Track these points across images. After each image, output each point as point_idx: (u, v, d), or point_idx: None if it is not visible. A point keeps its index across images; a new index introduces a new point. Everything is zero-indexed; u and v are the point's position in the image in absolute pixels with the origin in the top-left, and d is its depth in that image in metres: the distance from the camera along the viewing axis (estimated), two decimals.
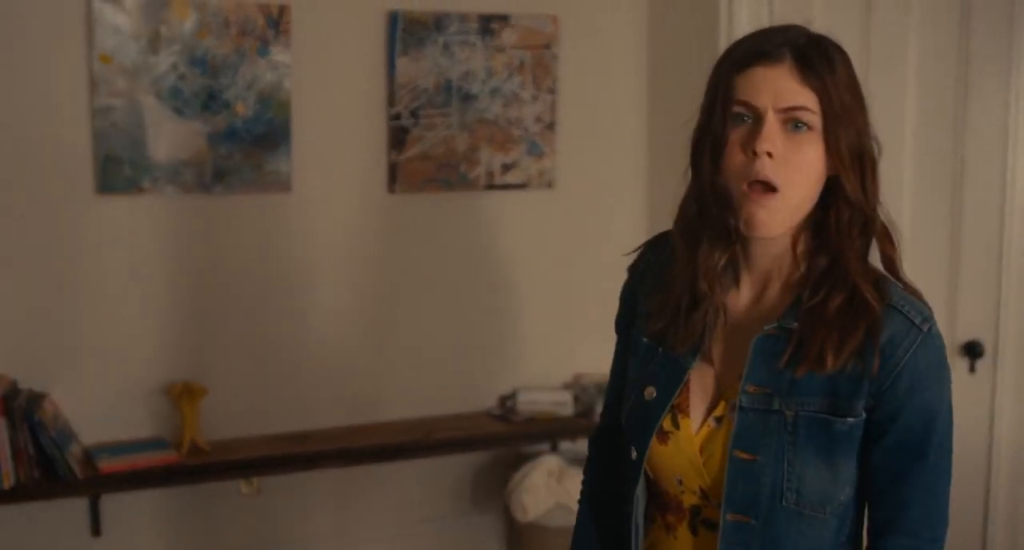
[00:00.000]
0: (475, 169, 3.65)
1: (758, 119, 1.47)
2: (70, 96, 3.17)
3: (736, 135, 1.48)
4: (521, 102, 3.67)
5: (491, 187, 3.68)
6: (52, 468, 3.09)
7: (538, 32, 3.66)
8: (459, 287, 3.71)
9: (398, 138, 3.53)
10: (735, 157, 1.48)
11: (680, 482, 1.59)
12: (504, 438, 3.67)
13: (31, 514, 3.24)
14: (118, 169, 3.22)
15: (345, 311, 3.58)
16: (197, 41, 3.26)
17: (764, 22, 3.39)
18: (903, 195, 3.33)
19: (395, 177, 3.55)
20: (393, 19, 3.48)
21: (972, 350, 3.26)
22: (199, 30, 3.26)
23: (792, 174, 1.46)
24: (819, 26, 1.58)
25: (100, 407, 3.31)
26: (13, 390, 3.13)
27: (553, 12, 3.68)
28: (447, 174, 3.61)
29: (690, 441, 1.57)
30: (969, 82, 3.22)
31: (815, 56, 1.49)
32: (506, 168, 3.69)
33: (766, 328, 1.53)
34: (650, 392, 1.61)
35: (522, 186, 3.72)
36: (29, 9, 3.12)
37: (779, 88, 1.47)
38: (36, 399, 3.12)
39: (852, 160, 1.49)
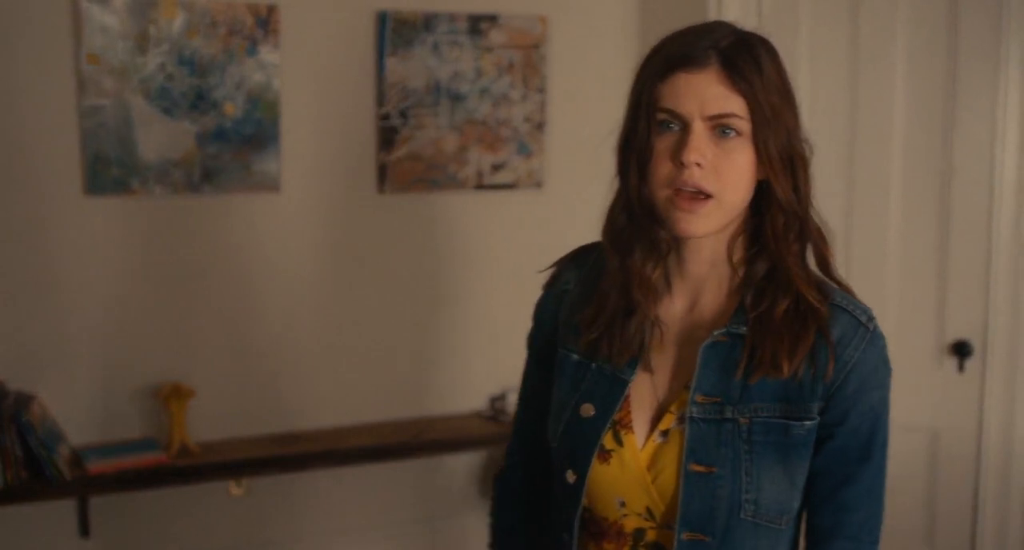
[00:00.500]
0: (464, 169, 3.64)
1: (685, 127, 1.42)
2: (58, 96, 3.16)
3: (662, 144, 1.44)
4: (510, 102, 3.67)
5: (480, 187, 3.68)
6: (40, 469, 3.07)
7: (527, 32, 3.66)
8: (448, 287, 3.71)
9: (387, 138, 3.53)
10: (662, 166, 1.43)
11: (623, 504, 1.51)
12: (494, 439, 3.67)
13: (19, 516, 3.23)
14: (106, 170, 3.22)
15: (334, 311, 3.57)
16: (185, 41, 3.25)
17: (752, 21, 3.39)
18: (891, 194, 3.34)
19: (384, 177, 3.55)
20: (382, 19, 3.47)
21: (961, 349, 3.27)
22: (187, 30, 3.25)
23: (723, 182, 1.41)
24: (807, 26, 1.56)
25: (88, 408, 3.30)
26: (1, 392, 3.12)
27: (542, 12, 3.68)
28: (436, 174, 3.61)
29: (636, 458, 1.49)
30: (957, 81, 3.23)
31: (742, 59, 1.42)
32: (495, 168, 3.69)
33: (716, 334, 1.48)
34: (587, 409, 1.53)
35: (511, 186, 3.72)
36: (16, 9, 3.11)
37: (705, 95, 1.41)
38: (24, 400, 3.11)
39: (783, 164, 1.44)
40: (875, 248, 3.38)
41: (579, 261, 1.65)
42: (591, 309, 1.56)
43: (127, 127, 3.22)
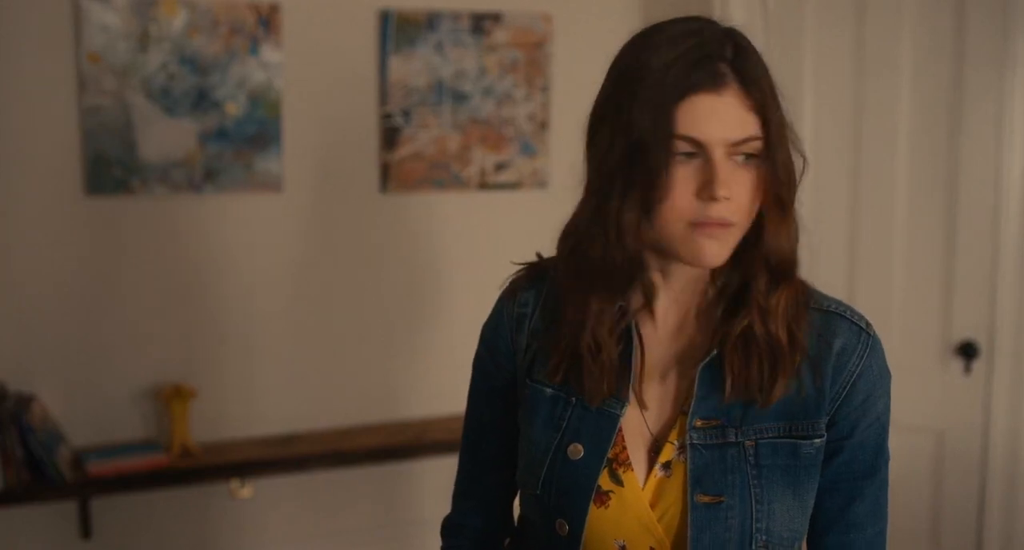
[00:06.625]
0: (467, 169, 3.63)
1: (706, 156, 1.27)
2: (58, 95, 3.15)
3: (682, 175, 1.27)
4: (514, 101, 3.65)
5: (484, 187, 3.66)
6: (41, 471, 3.06)
7: (531, 31, 3.64)
8: (451, 287, 3.69)
9: (390, 138, 3.51)
10: (682, 200, 1.28)
11: (623, 548, 1.37)
12: None
13: (20, 517, 3.22)
14: (107, 169, 3.20)
15: (336, 311, 3.56)
16: (187, 40, 3.24)
17: (758, 23, 3.37)
18: (897, 195, 3.32)
19: (387, 177, 3.53)
20: (385, 18, 3.45)
21: (967, 350, 3.25)
22: (189, 29, 3.23)
23: (742, 210, 1.30)
24: (812, 27, 1.47)
25: (89, 409, 3.29)
26: (1, 393, 3.11)
27: (546, 11, 3.66)
28: (439, 174, 3.59)
29: (638, 497, 1.36)
30: (964, 81, 3.20)
31: (752, 69, 1.29)
32: (499, 168, 3.67)
33: (714, 354, 1.36)
34: (575, 450, 1.38)
35: (515, 186, 3.70)
36: (16, 8, 3.10)
37: (729, 120, 1.26)
38: (24, 401, 3.10)
39: (782, 190, 1.31)
40: (881, 249, 3.36)
41: (535, 281, 1.51)
42: (554, 345, 1.42)
43: (128, 127, 3.20)
